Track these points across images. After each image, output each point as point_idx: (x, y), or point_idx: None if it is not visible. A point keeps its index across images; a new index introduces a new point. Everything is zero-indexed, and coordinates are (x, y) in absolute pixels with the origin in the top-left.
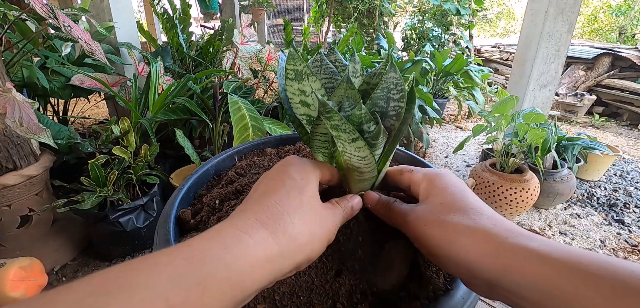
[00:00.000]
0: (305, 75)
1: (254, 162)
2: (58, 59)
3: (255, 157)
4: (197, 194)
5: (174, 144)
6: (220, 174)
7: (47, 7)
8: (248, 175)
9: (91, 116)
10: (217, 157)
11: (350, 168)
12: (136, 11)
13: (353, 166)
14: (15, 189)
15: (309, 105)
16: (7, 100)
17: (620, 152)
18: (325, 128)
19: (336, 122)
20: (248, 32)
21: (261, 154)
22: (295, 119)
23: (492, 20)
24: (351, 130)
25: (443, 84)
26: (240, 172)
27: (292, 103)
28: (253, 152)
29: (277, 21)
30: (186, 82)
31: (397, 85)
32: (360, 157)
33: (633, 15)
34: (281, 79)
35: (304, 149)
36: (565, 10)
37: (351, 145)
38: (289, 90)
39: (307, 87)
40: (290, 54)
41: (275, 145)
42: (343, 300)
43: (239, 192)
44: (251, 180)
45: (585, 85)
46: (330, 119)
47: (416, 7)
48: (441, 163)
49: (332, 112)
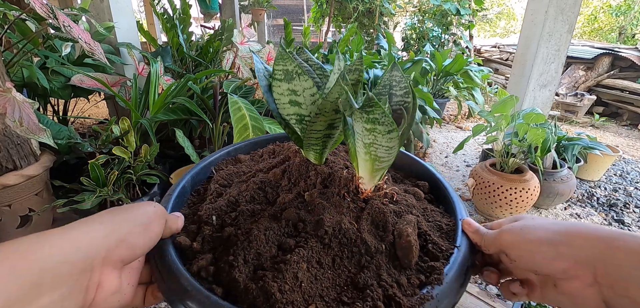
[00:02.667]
0: (296, 75)
1: (233, 171)
2: (58, 59)
3: (231, 165)
4: (190, 202)
5: (174, 144)
6: (198, 190)
7: (47, 7)
8: (234, 185)
9: (91, 116)
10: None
11: (372, 160)
12: (136, 11)
13: (376, 157)
14: (15, 189)
15: (299, 104)
16: (7, 100)
17: (620, 152)
18: (322, 125)
19: (376, 116)
20: (248, 32)
21: (237, 162)
22: (282, 120)
23: (492, 20)
24: (390, 123)
25: (443, 84)
26: (224, 183)
27: (279, 104)
28: (228, 160)
29: (277, 21)
30: (186, 82)
31: (399, 82)
32: (389, 148)
33: (633, 15)
34: (262, 79)
35: (283, 148)
36: (565, 10)
37: (384, 137)
38: (276, 91)
39: (299, 86)
40: (280, 54)
41: (264, 145)
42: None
43: (234, 205)
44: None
45: (585, 85)
46: (370, 113)
47: (416, 7)
48: (441, 163)
49: (374, 106)
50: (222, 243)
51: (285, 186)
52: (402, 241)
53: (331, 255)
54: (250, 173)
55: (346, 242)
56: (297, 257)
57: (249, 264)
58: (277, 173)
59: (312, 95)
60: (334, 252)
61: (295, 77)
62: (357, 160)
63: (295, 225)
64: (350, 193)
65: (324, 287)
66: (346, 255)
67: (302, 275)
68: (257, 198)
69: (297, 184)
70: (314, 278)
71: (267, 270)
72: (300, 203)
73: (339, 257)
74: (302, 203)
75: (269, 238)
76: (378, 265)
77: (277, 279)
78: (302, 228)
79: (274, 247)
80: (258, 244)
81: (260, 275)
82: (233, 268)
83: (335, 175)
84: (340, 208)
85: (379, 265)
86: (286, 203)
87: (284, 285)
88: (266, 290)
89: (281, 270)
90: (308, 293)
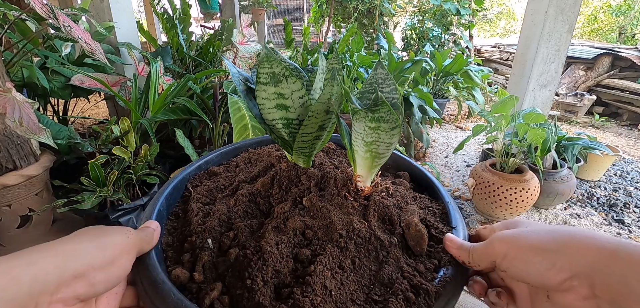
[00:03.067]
0: (283, 77)
1: (211, 186)
2: (58, 59)
3: (207, 180)
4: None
5: (174, 144)
6: (176, 213)
7: (47, 7)
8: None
9: (91, 116)
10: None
11: (372, 157)
12: (136, 11)
13: (377, 154)
14: (15, 189)
15: (287, 108)
16: (7, 100)
17: (620, 152)
18: (313, 128)
19: (382, 114)
20: (248, 32)
21: (212, 175)
22: (266, 125)
23: (492, 20)
24: (394, 120)
25: (443, 84)
26: (206, 201)
27: (264, 108)
28: (201, 175)
29: (277, 21)
30: (186, 82)
31: (385, 79)
32: (389, 144)
33: (633, 15)
34: (239, 84)
35: (259, 154)
36: (565, 10)
37: (388, 134)
38: (261, 95)
39: (286, 89)
40: (266, 56)
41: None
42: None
43: (229, 225)
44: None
45: (585, 85)
46: (376, 112)
47: (416, 7)
48: (441, 163)
49: (381, 105)
50: (230, 267)
51: (277, 195)
52: (411, 231)
53: (350, 257)
54: (232, 186)
55: (361, 242)
56: (321, 266)
57: (269, 284)
58: (266, 182)
59: (301, 98)
60: (352, 254)
61: (282, 79)
62: (355, 158)
63: (303, 234)
64: (351, 192)
65: (352, 290)
66: (364, 255)
67: (329, 283)
68: (250, 212)
69: (289, 191)
70: (340, 284)
71: (290, 286)
72: (301, 210)
73: (357, 258)
74: (303, 210)
75: (283, 253)
76: (396, 257)
77: (307, 294)
78: (313, 236)
79: (290, 261)
80: (274, 261)
81: (286, 294)
82: (254, 292)
83: (328, 177)
84: (345, 209)
85: (397, 258)
86: (286, 212)
87: (316, 298)
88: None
89: (308, 283)
90: (340, 301)
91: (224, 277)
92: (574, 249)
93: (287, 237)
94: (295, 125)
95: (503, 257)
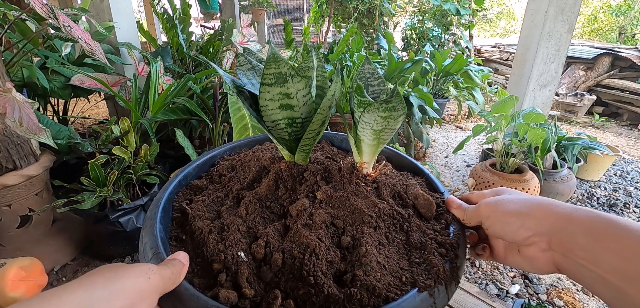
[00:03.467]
0: (289, 77)
1: (206, 201)
2: (58, 59)
3: (193, 195)
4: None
5: (174, 144)
6: (178, 237)
7: (47, 7)
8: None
9: (91, 116)
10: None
11: (378, 144)
12: (136, 11)
13: (383, 140)
14: (15, 189)
15: (292, 108)
16: (7, 100)
17: (620, 152)
18: (318, 124)
19: (394, 104)
20: (248, 32)
21: (197, 189)
22: (266, 127)
23: (492, 20)
24: (403, 107)
25: (443, 84)
26: (211, 216)
27: (266, 110)
28: (183, 192)
29: (277, 21)
30: (186, 82)
31: (373, 74)
32: (393, 130)
33: (633, 15)
34: (234, 88)
35: (245, 159)
36: (565, 10)
37: (397, 121)
38: (264, 97)
39: (292, 88)
40: (272, 57)
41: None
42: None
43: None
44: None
45: (585, 85)
46: (390, 103)
47: (416, 7)
48: (441, 163)
49: (395, 96)
50: (280, 272)
51: (285, 195)
52: (421, 201)
53: (383, 233)
54: (231, 196)
55: (387, 218)
56: (370, 246)
57: (328, 276)
58: (271, 185)
59: (305, 96)
60: (384, 231)
61: (288, 79)
62: (361, 147)
63: (333, 224)
64: (361, 178)
65: (396, 260)
66: (393, 229)
67: (381, 259)
68: (266, 217)
69: (295, 190)
70: (386, 257)
71: (346, 272)
72: (320, 204)
73: (389, 233)
74: (321, 203)
75: (328, 245)
76: (417, 225)
77: (369, 273)
78: (343, 224)
79: (336, 249)
80: (326, 254)
81: (349, 279)
82: (320, 287)
83: (331, 169)
84: (362, 194)
85: (418, 225)
86: (307, 208)
87: (376, 275)
88: (367, 285)
89: (364, 263)
90: (393, 271)
91: (276, 283)
92: (539, 213)
93: (321, 230)
94: (299, 124)
95: (486, 218)
